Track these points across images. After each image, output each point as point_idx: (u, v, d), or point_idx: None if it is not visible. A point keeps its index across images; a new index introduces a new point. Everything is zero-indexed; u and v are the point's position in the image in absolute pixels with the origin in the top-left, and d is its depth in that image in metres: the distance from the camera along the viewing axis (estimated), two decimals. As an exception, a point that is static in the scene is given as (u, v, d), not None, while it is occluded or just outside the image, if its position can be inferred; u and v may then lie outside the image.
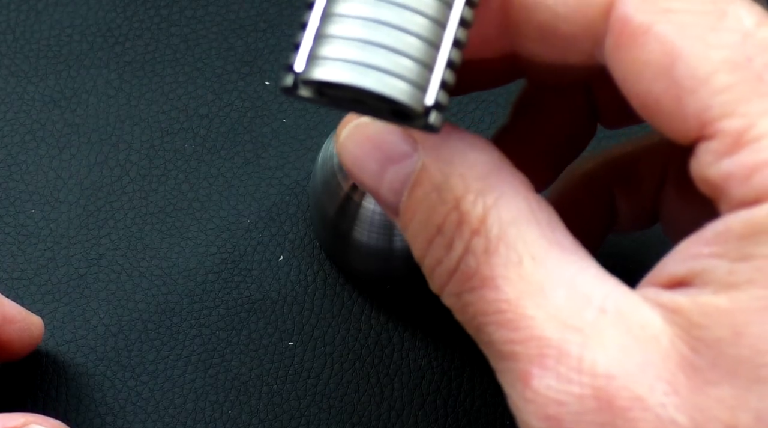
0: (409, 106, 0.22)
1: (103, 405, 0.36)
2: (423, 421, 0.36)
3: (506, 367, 0.23)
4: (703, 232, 0.23)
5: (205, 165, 0.39)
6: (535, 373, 0.23)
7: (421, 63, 0.22)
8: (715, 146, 0.23)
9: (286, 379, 0.36)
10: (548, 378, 0.23)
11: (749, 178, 0.22)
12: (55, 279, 0.37)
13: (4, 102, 0.39)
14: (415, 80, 0.22)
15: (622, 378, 0.22)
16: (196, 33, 0.41)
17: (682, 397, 0.22)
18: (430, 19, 0.22)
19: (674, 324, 0.22)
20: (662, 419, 0.22)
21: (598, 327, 0.23)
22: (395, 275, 0.37)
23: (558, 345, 0.23)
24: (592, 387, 0.22)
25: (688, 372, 0.22)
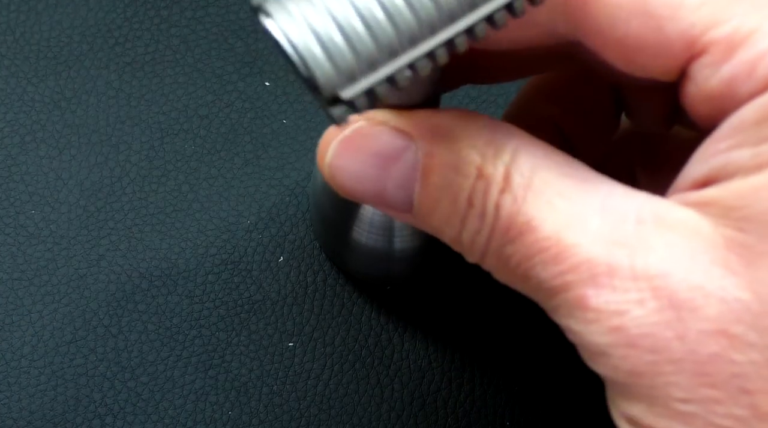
0: (316, 80, 0.21)
1: (102, 406, 0.36)
2: (423, 422, 0.36)
3: (560, 300, 0.23)
4: (717, 131, 0.23)
5: (205, 166, 0.39)
6: (590, 294, 0.23)
7: (365, 58, 0.21)
8: (710, 59, 0.23)
9: (286, 380, 0.36)
10: (605, 294, 0.23)
11: (752, 72, 0.22)
12: (55, 280, 0.37)
13: (4, 103, 0.39)
14: (345, 68, 0.21)
15: (677, 273, 0.22)
16: (196, 34, 0.41)
17: (739, 275, 0.22)
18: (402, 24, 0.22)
19: (711, 215, 0.23)
20: (726, 300, 0.22)
21: (641, 235, 0.23)
22: (395, 276, 0.37)
23: (606, 261, 0.23)
24: (650, 288, 0.22)
25: (738, 251, 0.22)
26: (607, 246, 0.23)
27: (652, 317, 0.22)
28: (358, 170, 0.26)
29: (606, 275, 0.23)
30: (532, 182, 0.24)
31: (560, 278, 0.23)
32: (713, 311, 0.22)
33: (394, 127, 0.25)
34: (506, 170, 0.24)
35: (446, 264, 0.37)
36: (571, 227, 0.23)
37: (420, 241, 0.35)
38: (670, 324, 0.22)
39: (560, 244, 0.23)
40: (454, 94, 0.40)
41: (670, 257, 0.23)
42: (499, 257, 0.24)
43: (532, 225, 0.23)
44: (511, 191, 0.24)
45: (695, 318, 0.22)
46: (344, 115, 0.22)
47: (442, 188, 0.25)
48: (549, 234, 0.23)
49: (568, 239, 0.23)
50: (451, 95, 0.40)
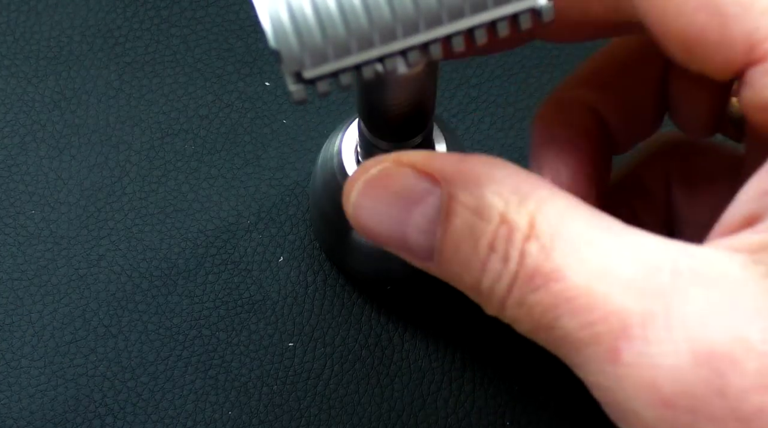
0: (280, 53, 0.21)
1: (102, 406, 0.36)
2: (423, 422, 0.36)
3: (589, 355, 0.22)
4: (765, 167, 0.22)
5: (205, 166, 0.39)
6: (622, 347, 0.21)
7: (335, 42, 0.21)
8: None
9: (287, 380, 0.36)
10: (637, 346, 0.21)
11: None
12: (55, 280, 0.37)
13: (4, 103, 0.39)
14: (311, 46, 0.21)
15: (715, 325, 0.21)
16: (196, 34, 0.41)
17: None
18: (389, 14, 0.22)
19: (757, 263, 0.22)
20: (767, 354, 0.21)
21: (677, 287, 0.22)
22: (395, 276, 0.37)
23: (641, 311, 0.21)
24: (687, 340, 0.21)
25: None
26: (640, 296, 0.22)
27: (689, 372, 0.21)
28: (381, 212, 0.25)
29: (639, 326, 0.21)
30: (559, 231, 0.23)
31: (589, 329, 0.22)
32: (756, 365, 0.21)
33: (420, 169, 0.25)
34: (531, 218, 0.23)
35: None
36: (602, 276, 0.22)
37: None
38: (709, 380, 0.21)
39: (590, 293, 0.22)
40: (453, 93, 0.40)
41: (708, 307, 0.21)
42: (521, 306, 0.23)
43: (561, 274, 0.22)
44: (538, 238, 0.23)
45: (736, 373, 0.21)
46: (302, 93, 0.22)
47: (464, 232, 0.24)
48: (578, 283, 0.22)
49: (599, 288, 0.22)
50: (451, 95, 0.40)
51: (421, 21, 0.22)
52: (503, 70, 0.40)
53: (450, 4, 0.22)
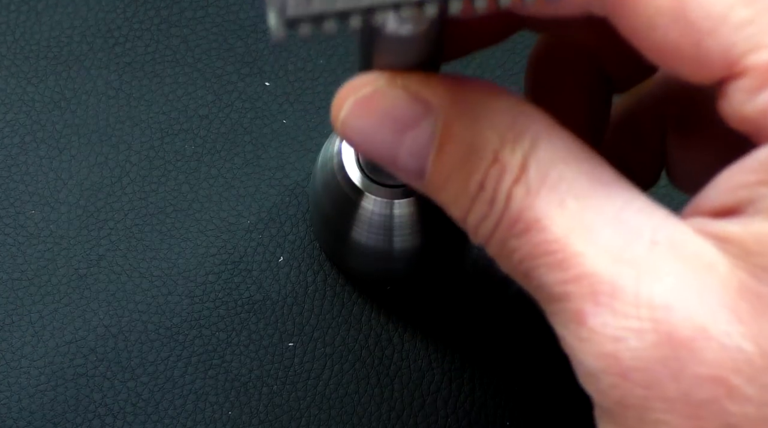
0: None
1: (102, 406, 0.36)
2: (423, 422, 0.36)
3: (558, 308, 0.22)
4: (746, 160, 0.22)
5: (205, 166, 0.39)
6: (589, 311, 0.22)
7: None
8: (747, 84, 0.22)
9: (286, 380, 0.36)
10: (603, 314, 0.22)
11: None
12: (55, 280, 0.37)
13: (4, 103, 0.39)
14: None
15: (682, 309, 0.21)
16: (196, 34, 0.41)
17: (746, 324, 0.21)
18: None
19: (729, 253, 0.22)
20: (727, 347, 0.21)
21: (652, 259, 0.22)
22: (395, 276, 0.37)
23: (611, 280, 0.22)
24: (651, 320, 0.21)
25: (749, 298, 0.21)
26: (614, 264, 0.22)
27: (648, 351, 0.21)
28: (373, 132, 0.24)
29: (608, 294, 0.22)
30: (548, 176, 0.23)
31: (561, 286, 0.22)
32: (713, 357, 0.21)
33: (415, 92, 0.24)
34: (524, 159, 0.23)
35: (446, 264, 0.37)
36: (581, 234, 0.22)
37: (420, 241, 0.35)
38: (667, 362, 0.21)
39: (566, 250, 0.22)
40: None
41: (677, 289, 0.21)
42: (502, 248, 0.23)
43: (541, 224, 0.22)
44: (526, 182, 0.23)
45: (694, 360, 0.21)
46: (281, 32, 0.21)
47: (456, 165, 0.24)
48: (557, 238, 0.22)
49: (576, 246, 0.22)
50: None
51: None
52: (503, 70, 0.40)
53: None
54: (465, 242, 0.37)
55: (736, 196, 0.22)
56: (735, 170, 0.22)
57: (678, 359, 0.21)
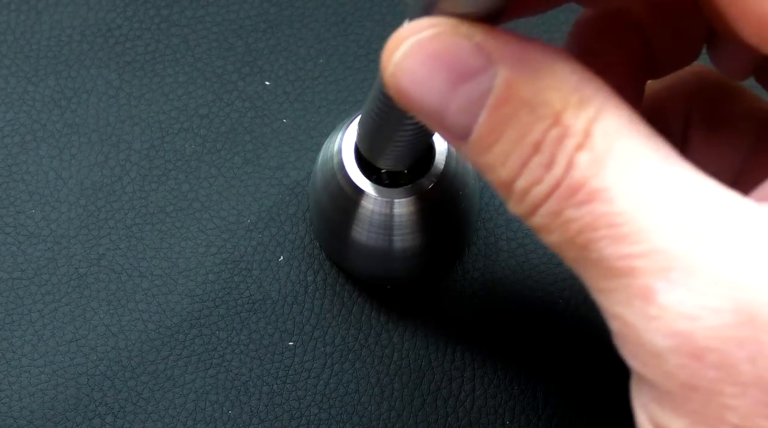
0: None
1: (103, 405, 0.36)
2: (423, 421, 0.36)
3: (620, 284, 0.21)
4: None
5: (205, 165, 0.39)
6: (660, 288, 0.20)
7: None
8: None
9: (287, 379, 0.36)
10: (678, 291, 0.20)
11: None
12: (55, 279, 0.37)
13: (4, 102, 0.39)
14: None
15: (765, 289, 0.20)
16: (196, 33, 0.41)
17: None
18: None
19: None
20: None
21: (732, 237, 0.20)
22: (395, 275, 0.37)
23: (687, 256, 0.20)
24: (732, 299, 0.20)
25: None
26: (690, 240, 0.20)
27: (727, 331, 0.20)
28: (426, 79, 0.23)
29: (684, 271, 0.20)
30: (615, 147, 0.21)
31: (627, 261, 0.21)
32: None
33: (478, 43, 0.22)
34: (588, 125, 0.22)
35: (446, 264, 0.37)
36: (651, 208, 0.21)
37: (420, 240, 0.35)
38: (745, 344, 0.20)
39: (635, 224, 0.21)
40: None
41: (762, 270, 0.20)
42: (556, 217, 0.22)
43: (609, 195, 0.21)
44: (592, 150, 0.21)
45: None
46: None
47: (511, 122, 0.22)
48: (625, 210, 0.21)
49: (645, 220, 0.21)
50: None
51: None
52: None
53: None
54: (465, 241, 0.37)
55: None
56: None
57: (758, 341, 0.20)
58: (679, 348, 0.21)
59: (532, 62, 0.22)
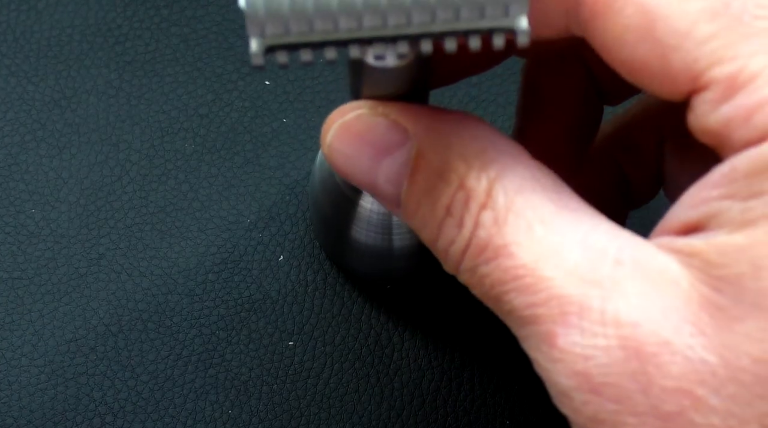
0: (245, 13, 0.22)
1: (102, 405, 0.36)
2: (423, 421, 0.36)
3: (530, 332, 0.23)
4: (709, 176, 0.23)
5: (205, 165, 0.39)
6: (559, 332, 0.23)
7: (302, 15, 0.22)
8: (710, 96, 0.23)
9: (286, 379, 0.36)
10: (573, 334, 0.22)
11: (749, 119, 0.22)
12: (55, 279, 0.37)
13: (4, 102, 0.39)
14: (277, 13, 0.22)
15: (646, 325, 0.22)
16: (196, 33, 0.41)
17: (708, 337, 0.22)
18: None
19: (692, 267, 0.22)
20: (691, 360, 0.22)
21: (616, 278, 0.22)
22: (395, 275, 0.37)
23: (579, 300, 0.22)
24: (618, 337, 0.22)
25: (711, 311, 0.22)
26: (581, 284, 0.23)
27: (617, 367, 0.22)
28: (353, 157, 0.26)
29: (576, 314, 0.22)
30: (514, 204, 0.24)
31: (532, 309, 0.23)
32: (678, 370, 0.22)
33: (393, 120, 0.25)
34: (489, 186, 0.24)
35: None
36: (549, 258, 0.23)
37: (419, 239, 0.35)
38: (635, 377, 0.22)
39: (535, 274, 0.23)
40: (454, 92, 0.40)
41: (642, 306, 0.22)
42: (473, 275, 0.24)
43: (510, 250, 0.23)
44: (493, 209, 0.24)
45: (660, 374, 0.22)
46: (259, 59, 0.22)
47: (425, 189, 0.25)
48: (525, 262, 0.23)
49: (544, 270, 0.23)
50: (451, 95, 0.40)
51: (390, 16, 0.22)
52: (503, 69, 0.40)
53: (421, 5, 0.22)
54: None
55: (700, 212, 0.23)
56: (698, 187, 0.23)
57: (645, 373, 0.22)
58: (580, 386, 0.22)
59: (442, 133, 0.24)
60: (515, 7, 0.22)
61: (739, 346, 0.21)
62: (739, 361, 0.21)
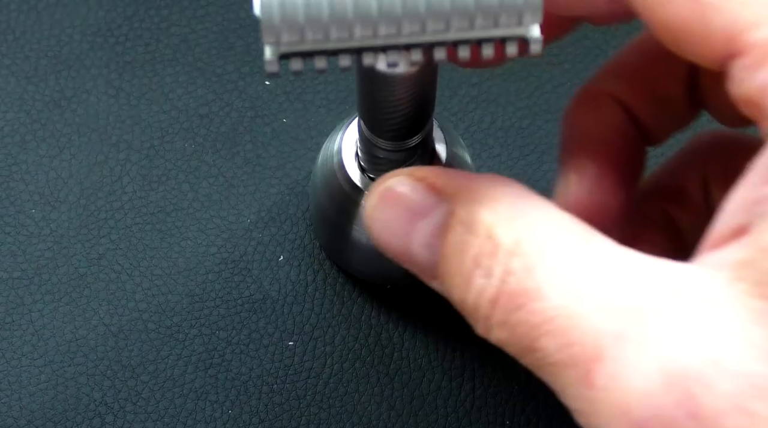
0: (261, 21, 0.22)
1: (103, 405, 0.36)
2: (423, 421, 0.36)
3: (567, 377, 0.22)
4: (754, 172, 0.22)
5: (205, 165, 0.39)
6: (596, 369, 0.21)
7: (318, 23, 0.22)
8: (747, 61, 0.22)
9: (287, 379, 0.36)
10: (609, 367, 0.21)
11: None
12: (55, 279, 0.37)
13: (4, 102, 0.39)
14: (292, 22, 0.22)
15: (688, 348, 0.20)
16: (196, 33, 0.41)
17: (759, 347, 0.20)
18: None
19: (740, 280, 0.21)
20: (743, 373, 0.20)
21: (654, 306, 0.21)
22: (395, 275, 0.37)
23: (614, 332, 0.21)
24: (658, 362, 0.20)
25: (761, 321, 0.20)
26: (616, 316, 0.21)
27: (660, 396, 0.20)
28: (389, 223, 0.25)
29: (613, 347, 0.21)
30: (545, 250, 0.22)
31: (567, 350, 0.21)
32: (729, 386, 0.20)
33: (430, 184, 0.25)
34: (518, 235, 0.23)
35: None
36: (582, 296, 0.22)
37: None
38: (681, 402, 0.20)
39: (569, 313, 0.21)
40: (454, 92, 0.40)
41: (681, 328, 0.21)
42: (505, 326, 0.23)
43: (542, 293, 0.22)
44: (522, 256, 0.23)
45: (709, 395, 0.20)
46: (274, 66, 0.22)
47: (455, 246, 0.24)
48: (558, 303, 0.22)
49: (578, 308, 0.21)
50: (451, 95, 0.40)
51: (405, 24, 0.22)
52: (503, 69, 0.40)
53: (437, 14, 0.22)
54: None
55: (747, 215, 0.21)
56: (742, 187, 0.22)
57: (692, 397, 0.20)
58: (624, 424, 0.21)
59: (474, 190, 0.24)
60: (529, 16, 0.22)
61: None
62: None
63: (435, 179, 0.25)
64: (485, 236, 0.23)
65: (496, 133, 0.39)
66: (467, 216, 0.24)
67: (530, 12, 0.22)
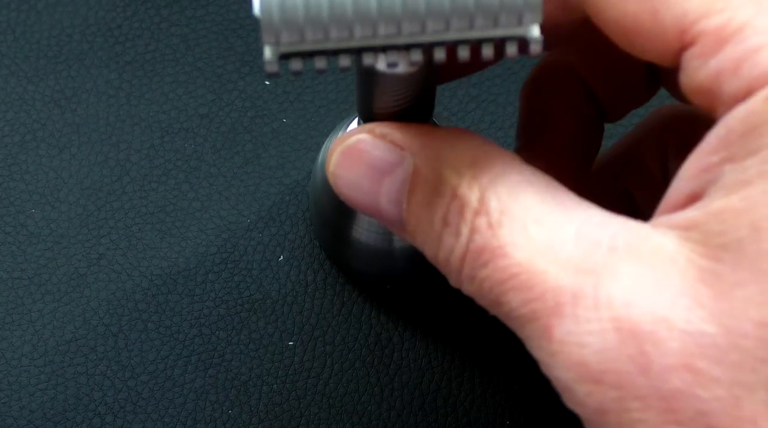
0: (261, 21, 0.22)
1: (102, 405, 0.36)
2: (423, 421, 0.36)
3: (530, 330, 0.23)
4: (705, 142, 0.22)
5: (205, 165, 0.39)
6: (554, 324, 0.22)
7: (317, 23, 0.22)
8: (699, 50, 0.22)
9: (286, 379, 0.36)
10: (567, 324, 0.22)
11: (737, 70, 0.21)
12: (55, 279, 0.37)
13: (4, 102, 0.39)
14: (292, 22, 0.22)
15: (640, 305, 0.21)
16: (196, 33, 0.41)
17: (706, 308, 0.21)
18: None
19: (690, 241, 0.22)
20: (690, 333, 0.21)
21: (610, 264, 0.22)
22: (395, 275, 0.37)
23: (572, 290, 0.22)
24: (611, 320, 0.22)
25: (709, 282, 0.21)
26: (574, 274, 0.22)
27: (614, 351, 0.21)
28: (355, 181, 0.26)
29: (570, 303, 0.22)
30: (507, 207, 0.24)
31: (528, 305, 0.23)
32: (677, 345, 0.21)
33: (392, 140, 0.25)
34: (481, 194, 0.24)
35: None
36: (543, 254, 0.23)
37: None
38: (633, 358, 0.21)
39: (531, 270, 0.23)
40: (454, 92, 0.40)
41: (635, 286, 0.22)
42: (473, 281, 0.24)
43: (505, 251, 0.23)
44: (487, 214, 0.24)
45: (658, 352, 0.21)
46: (274, 66, 0.22)
47: (423, 205, 0.25)
48: (520, 260, 0.23)
49: (539, 265, 0.23)
50: (450, 95, 0.40)
51: (405, 24, 0.22)
52: (503, 69, 0.40)
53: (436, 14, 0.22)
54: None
55: (700, 180, 0.22)
56: (696, 156, 0.22)
57: (644, 353, 0.21)
58: (580, 376, 0.22)
59: (435, 148, 0.25)
60: (529, 16, 0.22)
61: (739, 312, 0.21)
62: (741, 327, 0.21)
63: (396, 135, 0.26)
64: (451, 195, 0.24)
65: (496, 133, 0.39)
66: (432, 175, 0.24)
67: (530, 12, 0.22)
